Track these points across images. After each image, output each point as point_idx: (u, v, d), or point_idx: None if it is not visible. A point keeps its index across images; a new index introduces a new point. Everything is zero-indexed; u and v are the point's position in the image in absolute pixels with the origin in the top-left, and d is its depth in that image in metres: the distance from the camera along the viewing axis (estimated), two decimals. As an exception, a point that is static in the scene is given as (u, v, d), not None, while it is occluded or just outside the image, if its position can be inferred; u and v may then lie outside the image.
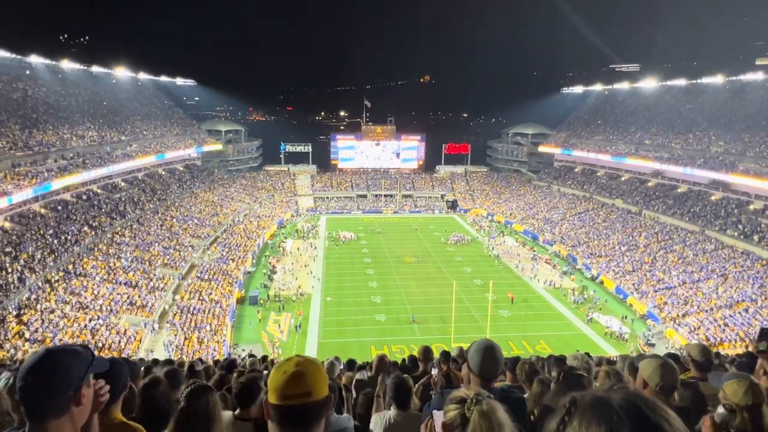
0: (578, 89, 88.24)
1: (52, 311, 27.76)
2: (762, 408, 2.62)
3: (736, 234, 43.36)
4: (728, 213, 46.74)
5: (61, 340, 25.30)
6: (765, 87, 57.26)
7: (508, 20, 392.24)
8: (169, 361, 11.44)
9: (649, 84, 72.78)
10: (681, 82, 67.59)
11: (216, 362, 12.91)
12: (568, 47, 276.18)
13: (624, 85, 78.56)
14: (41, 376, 1.60)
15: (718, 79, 61.49)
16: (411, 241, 56.25)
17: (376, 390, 4.64)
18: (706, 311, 33.80)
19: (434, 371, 3.81)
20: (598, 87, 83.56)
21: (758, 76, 57.50)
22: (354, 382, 5.78)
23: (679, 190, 54.76)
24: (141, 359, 14.93)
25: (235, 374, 6.93)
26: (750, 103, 56.99)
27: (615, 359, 10.88)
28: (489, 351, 2.78)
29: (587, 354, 10.48)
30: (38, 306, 27.72)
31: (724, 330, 31.04)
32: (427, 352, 6.16)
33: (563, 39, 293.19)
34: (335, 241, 54.93)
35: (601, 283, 42.49)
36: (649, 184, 58.86)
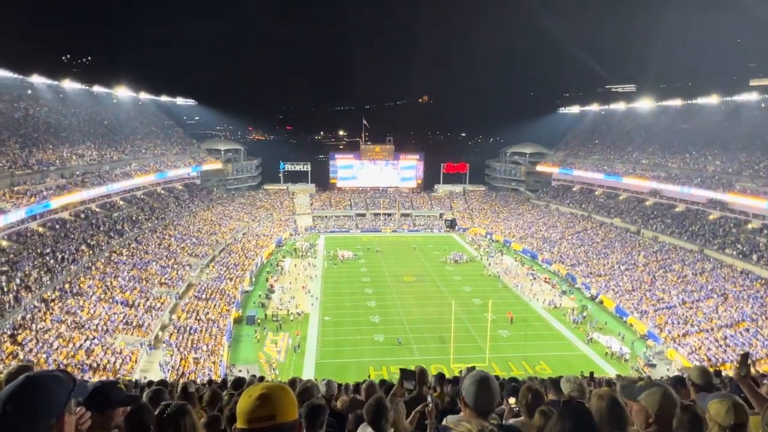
0: (575, 109, 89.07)
1: (47, 331, 27.47)
2: (747, 427, 2.59)
3: (734, 253, 43.32)
4: (726, 232, 46.76)
5: (55, 360, 24.98)
6: (759, 107, 57.96)
7: (506, 41, 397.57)
8: (162, 382, 11.26)
9: (645, 104, 73.53)
10: (676, 102, 68.28)
11: (210, 382, 12.69)
12: (564, 68, 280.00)
13: (620, 105, 79.36)
14: (22, 405, 1.51)
15: (713, 100, 62.14)
16: (410, 260, 56.08)
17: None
18: (707, 331, 33.54)
19: (429, 398, 3.71)
20: (594, 107, 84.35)
21: (752, 96, 58.19)
22: (348, 403, 5.67)
23: (677, 209, 54.89)
24: (129, 381, 14.67)
25: (226, 394, 6.80)
26: (745, 123, 57.58)
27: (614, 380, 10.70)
28: (484, 383, 2.63)
29: (591, 374, 10.31)
30: (33, 326, 27.42)
31: (725, 350, 30.76)
32: (422, 374, 5.98)
33: (560, 60, 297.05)
34: (334, 260, 54.73)
35: (601, 302, 42.23)
36: (647, 203, 59.02)
